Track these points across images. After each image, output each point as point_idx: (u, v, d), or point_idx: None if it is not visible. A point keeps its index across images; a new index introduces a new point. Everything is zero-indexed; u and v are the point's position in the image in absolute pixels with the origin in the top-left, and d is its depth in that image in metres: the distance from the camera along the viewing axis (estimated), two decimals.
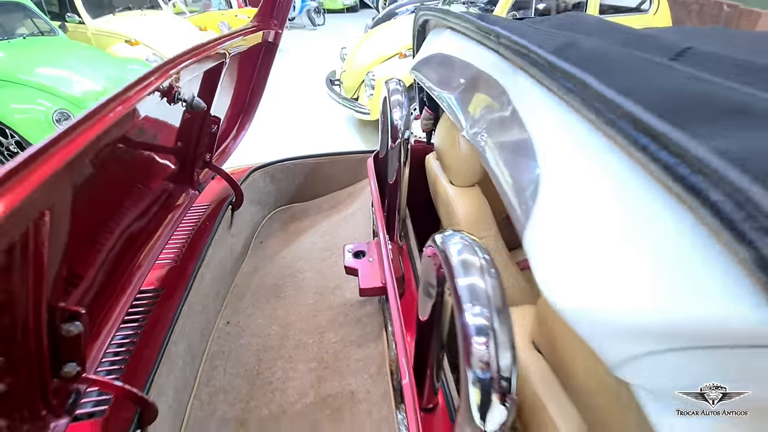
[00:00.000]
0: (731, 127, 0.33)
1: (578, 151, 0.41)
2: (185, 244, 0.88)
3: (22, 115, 3.13)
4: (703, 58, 0.60)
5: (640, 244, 0.32)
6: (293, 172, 1.31)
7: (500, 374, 0.35)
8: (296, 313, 0.92)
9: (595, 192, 0.38)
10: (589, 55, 0.50)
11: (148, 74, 0.61)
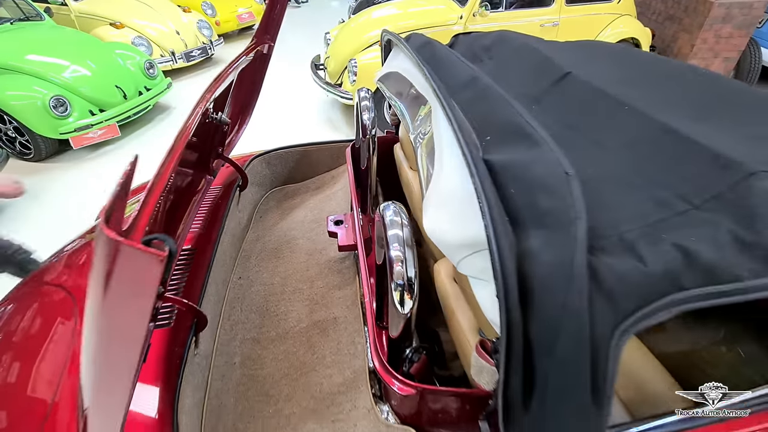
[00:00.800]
0: (505, 144, 0.62)
1: (446, 156, 0.70)
2: (208, 217, 1.15)
3: (19, 101, 3.26)
4: (572, 86, 0.87)
5: (458, 206, 0.61)
6: (286, 159, 1.57)
7: (408, 282, 0.65)
8: (292, 268, 1.21)
9: (447, 177, 0.67)
10: (472, 95, 0.78)
11: (196, 107, 0.80)
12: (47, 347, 0.85)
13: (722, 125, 0.70)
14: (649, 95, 0.80)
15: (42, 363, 0.83)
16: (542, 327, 0.48)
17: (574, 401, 0.48)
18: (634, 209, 0.58)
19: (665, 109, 0.73)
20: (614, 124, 0.75)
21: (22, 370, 0.83)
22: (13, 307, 1.01)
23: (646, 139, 0.69)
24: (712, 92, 0.84)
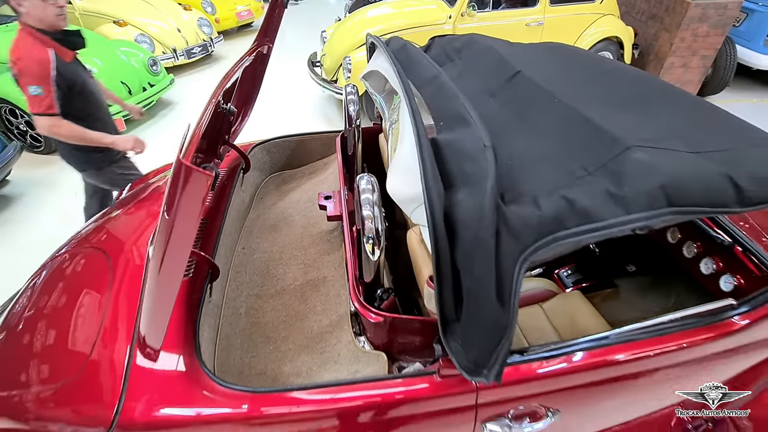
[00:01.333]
0: (450, 127, 0.81)
1: (406, 137, 0.88)
2: (216, 194, 1.34)
3: None
4: (520, 83, 1.06)
5: (409, 172, 0.79)
6: (283, 147, 1.76)
7: (377, 234, 0.85)
8: (289, 239, 1.40)
9: (404, 152, 0.85)
10: (433, 90, 0.97)
11: (210, 98, 0.98)
12: (90, 291, 1.05)
13: (627, 113, 0.89)
14: (577, 90, 0.99)
15: (87, 302, 1.02)
16: (463, 254, 0.68)
17: (487, 307, 0.68)
18: (548, 176, 0.78)
19: (586, 101, 0.92)
20: (545, 113, 0.94)
21: (73, 308, 1.03)
22: (61, 263, 1.22)
23: (566, 125, 0.88)
24: (629, 88, 1.03)
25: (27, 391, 0.91)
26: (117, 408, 0.81)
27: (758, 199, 0.73)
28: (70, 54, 1.74)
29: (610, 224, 0.67)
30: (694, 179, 0.71)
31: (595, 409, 0.99)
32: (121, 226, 1.35)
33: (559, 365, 0.87)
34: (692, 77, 4.15)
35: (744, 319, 0.94)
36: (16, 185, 3.34)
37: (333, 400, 0.82)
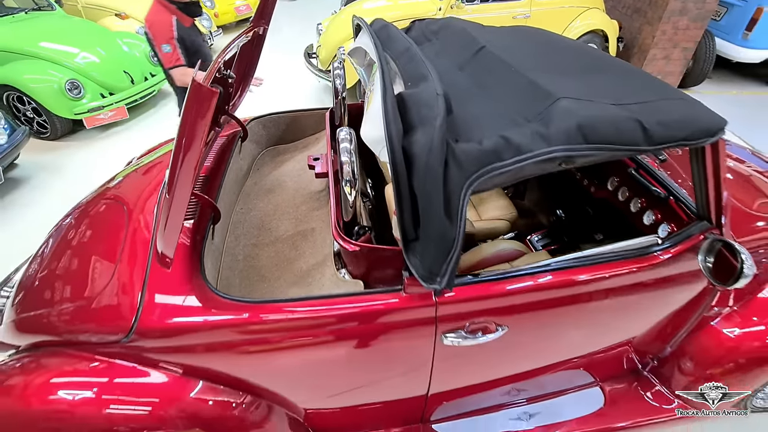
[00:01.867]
0: (415, 85, 0.98)
1: (376, 94, 1.03)
2: (216, 158, 1.49)
3: (37, 84, 3.57)
4: (483, 56, 1.22)
5: (376, 119, 0.95)
6: (278, 122, 1.91)
7: (353, 175, 1.01)
8: (282, 200, 1.56)
9: (373, 105, 1.01)
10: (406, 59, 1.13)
11: (214, 63, 1.14)
12: (109, 229, 1.22)
13: (569, 79, 1.05)
14: (532, 62, 1.15)
15: (107, 237, 1.19)
16: (418, 180, 0.84)
17: (437, 223, 0.84)
18: (494, 125, 0.94)
19: (538, 70, 1.08)
20: (502, 80, 1.10)
21: (95, 242, 1.19)
22: (83, 210, 1.42)
23: (516, 88, 1.04)
24: (577, 61, 1.19)
25: (58, 310, 1.08)
26: (135, 318, 0.98)
27: (662, 139, 0.90)
28: (189, 20, 2.16)
29: (536, 154, 0.83)
30: (608, 122, 0.87)
31: (540, 327, 1.16)
32: (131, 184, 1.51)
33: (505, 287, 1.03)
34: (674, 69, 4.31)
35: (666, 254, 1.11)
36: (23, 169, 3.49)
37: (317, 310, 0.99)
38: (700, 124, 0.92)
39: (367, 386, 1.20)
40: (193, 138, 0.76)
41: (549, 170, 0.91)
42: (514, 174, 0.87)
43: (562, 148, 0.83)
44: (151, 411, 0.99)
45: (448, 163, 0.84)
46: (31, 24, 4.04)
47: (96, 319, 1.02)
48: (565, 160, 0.87)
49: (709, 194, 1.07)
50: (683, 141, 0.92)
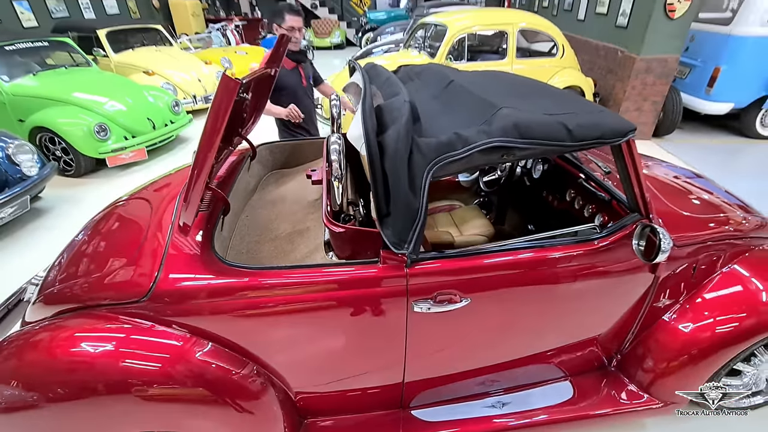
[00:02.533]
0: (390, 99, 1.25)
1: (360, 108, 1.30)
2: (228, 170, 1.75)
3: (69, 127, 3.98)
4: (453, 91, 1.52)
5: (359, 123, 1.20)
6: (284, 149, 2.20)
7: (341, 171, 1.25)
8: (283, 208, 1.79)
9: (357, 113, 1.27)
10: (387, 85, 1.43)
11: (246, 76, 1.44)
12: (136, 217, 1.44)
13: (516, 99, 1.32)
14: (489, 89, 1.43)
15: (135, 221, 1.41)
16: (388, 161, 1.07)
17: (404, 196, 1.06)
18: (452, 128, 1.19)
19: (493, 94, 1.36)
20: (462, 101, 1.38)
21: (126, 225, 1.41)
22: (112, 207, 1.66)
23: (472, 105, 1.31)
24: (525, 87, 1.48)
25: (82, 281, 1.26)
26: (153, 282, 1.16)
27: (582, 137, 1.14)
28: (291, 64, 2.55)
29: (479, 144, 1.07)
30: (539, 123, 1.13)
31: (499, 302, 1.32)
32: (153, 189, 1.76)
33: (466, 263, 1.22)
34: (646, 119, 4.73)
35: (604, 241, 1.31)
36: (46, 201, 3.78)
37: (306, 276, 1.17)
38: (611, 127, 1.18)
39: (350, 359, 1.34)
40: (218, 114, 1.01)
41: (495, 161, 1.15)
42: (465, 162, 1.11)
43: (499, 139, 1.08)
44: (161, 367, 1.13)
45: (413, 152, 1.08)
46: (68, 77, 4.55)
47: (118, 285, 1.21)
48: (506, 152, 1.11)
49: (635, 189, 1.29)
50: (599, 139, 1.16)
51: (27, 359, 1.14)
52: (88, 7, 8.40)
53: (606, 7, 5.28)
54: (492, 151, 1.09)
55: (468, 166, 1.14)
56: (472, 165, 1.14)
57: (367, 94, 1.22)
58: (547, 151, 1.17)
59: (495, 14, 4.73)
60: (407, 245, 1.09)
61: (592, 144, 1.17)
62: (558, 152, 1.26)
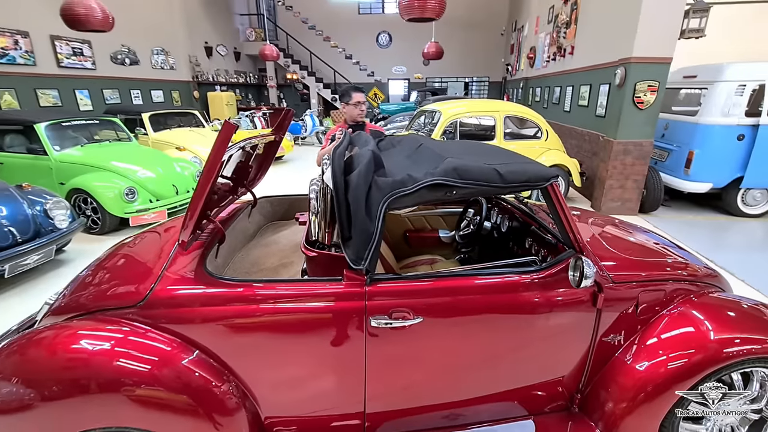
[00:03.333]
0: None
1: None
2: (230, 213, 2.04)
3: (102, 189, 4.48)
4: (421, 150, 1.85)
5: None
6: (283, 202, 2.52)
7: (317, 208, 1.53)
8: (275, 249, 2.03)
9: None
10: (364, 144, 1.77)
11: (237, 144, 1.81)
12: (150, 241, 1.70)
13: (464, 154, 1.63)
14: (451, 151, 1.76)
15: (141, 246, 1.67)
16: (351, 195, 1.34)
17: (362, 221, 1.31)
18: (410, 173, 1.48)
19: (449, 152, 1.67)
20: (426, 157, 1.70)
21: (132, 249, 1.66)
22: (130, 240, 1.95)
23: (432, 159, 1.62)
24: (478, 148, 1.81)
25: (89, 291, 1.49)
26: (150, 289, 1.38)
27: (512, 180, 1.41)
28: (350, 131, 3.08)
29: (425, 182, 1.34)
30: (475, 168, 1.41)
31: (449, 324, 1.46)
32: (162, 229, 2.05)
33: (418, 286, 1.42)
34: (630, 196, 5.03)
35: (543, 273, 1.50)
36: (69, 253, 4.11)
37: (280, 289, 1.37)
38: (537, 173, 1.45)
39: (315, 375, 1.47)
40: (219, 148, 1.31)
41: (441, 197, 1.41)
42: (416, 196, 1.37)
43: (441, 178, 1.35)
44: (150, 369, 1.29)
45: (371, 187, 1.35)
46: (110, 149, 5.21)
47: (120, 294, 1.43)
48: (448, 189, 1.38)
49: (566, 227, 1.51)
50: (527, 182, 1.43)
51: (30, 355, 1.31)
52: (138, 96, 9.71)
53: (587, 101, 5.94)
54: (436, 188, 1.36)
55: (420, 200, 1.40)
56: (423, 200, 1.40)
57: (342, 145, 1.55)
58: (483, 190, 1.43)
59: (484, 104, 5.38)
60: (364, 262, 1.31)
61: (521, 186, 1.43)
62: (493, 192, 1.51)
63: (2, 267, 3.14)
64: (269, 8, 15.36)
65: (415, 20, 5.26)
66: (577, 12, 6.48)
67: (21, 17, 7.03)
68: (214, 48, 12.97)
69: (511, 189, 1.44)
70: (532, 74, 9.46)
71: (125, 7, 8.76)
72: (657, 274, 1.71)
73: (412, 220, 2.70)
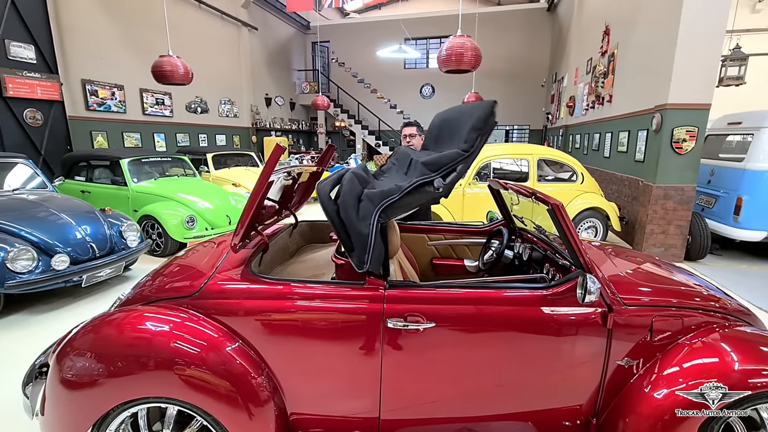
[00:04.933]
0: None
1: None
2: (274, 231, 2.34)
3: (168, 216, 5.07)
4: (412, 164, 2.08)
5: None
6: (321, 227, 2.79)
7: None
8: (310, 264, 2.27)
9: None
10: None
11: (284, 167, 2.14)
12: (207, 248, 2.01)
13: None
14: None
15: (204, 252, 1.97)
16: (343, 214, 1.54)
17: (356, 233, 1.51)
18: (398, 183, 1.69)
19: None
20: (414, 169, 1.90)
21: (197, 254, 1.97)
22: (192, 248, 2.26)
23: (415, 170, 1.84)
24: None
25: (153, 284, 1.79)
26: (204, 283, 1.66)
27: (467, 147, 1.53)
28: None
29: (409, 186, 1.50)
30: (440, 156, 1.54)
31: (461, 332, 1.58)
32: (220, 239, 2.37)
33: (430, 293, 1.58)
34: (674, 242, 4.85)
35: (551, 290, 1.60)
36: (135, 271, 4.62)
37: (317, 290, 1.59)
38: (478, 121, 1.60)
39: (335, 371, 1.63)
40: (269, 166, 1.60)
41: (430, 195, 1.55)
42: (406, 203, 1.55)
43: (418, 179, 1.50)
44: (199, 352, 1.53)
45: (362, 200, 1.56)
46: (177, 182, 5.91)
47: (180, 286, 1.71)
48: (428, 185, 1.50)
49: (573, 247, 1.61)
50: (478, 137, 1.54)
51: (103, 333, 1.59)
52: (204, 139, 10.91)
53: (625, 147, 5.95)
54: (420, 189, 1.51)
55: (413, 204, 1.58)
56: (416, 203, 1.59)
57: (327, 179, 1.77)
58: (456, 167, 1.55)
59: (517, 147, 5.57)
60: (366, 264, 1.50)
61: (476, 140, 1.53)
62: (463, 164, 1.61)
63: (81, 277, 3.64)
64: (324, 64, 16.94)
65: (453, 71, 5.70)
66: (614, 63, 6.67)
67: (120, 73, 8.38)
68: (273, 99, 14.38)
69: (471, 153, 1.55)
70: (571, 122, 9.58)
71: (202, 64, 10.15)
72: (676, 302, 1.71)
73: (439, 249, 2.86)
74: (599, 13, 7.83)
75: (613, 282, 1.72)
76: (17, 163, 4.55)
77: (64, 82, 7.10)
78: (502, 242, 2.45)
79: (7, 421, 2.20)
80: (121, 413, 1.56)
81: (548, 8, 13.61)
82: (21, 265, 3.31)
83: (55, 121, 6.89)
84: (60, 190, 4.92)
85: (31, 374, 1.76)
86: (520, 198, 2.13)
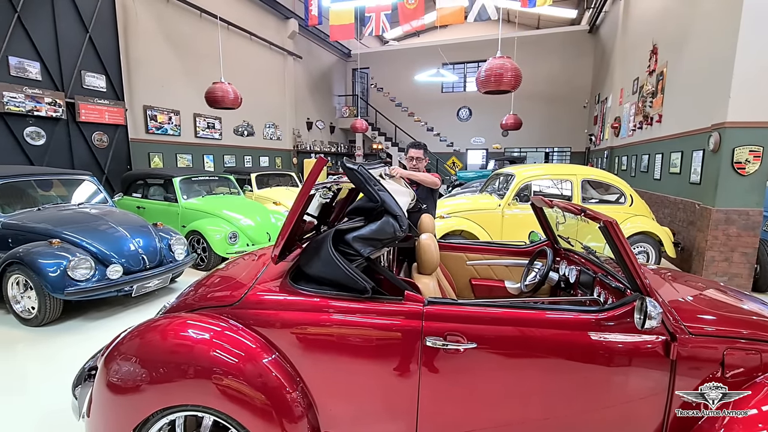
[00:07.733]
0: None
1: None
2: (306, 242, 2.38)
3: (213, 232, 5.30)
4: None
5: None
6: None
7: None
8: None
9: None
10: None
11: (324, 182, 2.18)
12: (247, 261, 2.06)
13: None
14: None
15: (246, 263, 2.02)
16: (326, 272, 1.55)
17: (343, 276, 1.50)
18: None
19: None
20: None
21: (239, 266, 2.03)
22: (234, 259, 2.30)
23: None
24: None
25: (197, 293, 1.84)
26: (245, 293, 1.68)
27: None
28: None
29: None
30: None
31: (505, 355, 1.49)
32: (260, 252, 2.43)
33: (472, 312, 1.51)
34: (739, 271, 4.41)
35: (603, 314, 1.48)
36: (180, 283, 4.83)
37: (354, 304, 1.56)
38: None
39: (371, 390, 1.58)
40: (311, 178, 1.63)
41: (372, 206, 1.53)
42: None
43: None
44: (237, 362, 1.54)
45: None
46: (223, 200, 6.20)
47: (220, 296, 1.75)
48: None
49: (629, 268, 1.48)
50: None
51: (147, 338, 1.64)
52: (249, 160, 11.47)
53: (678, 168, 5.59)
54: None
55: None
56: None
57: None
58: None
59: (560, 167, 5.38)
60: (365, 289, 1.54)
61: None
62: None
63: (132, 286, 3.85)
64: (363, 89, 17.49)
65: (492, 92, 5.67)
66: (663, 82, 6.38)
67: (177, 100, 9.08)
68: (314, 123, 14.95)
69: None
70: (617, 143, 9.19)
71: (250, 90, 10.79)
72: (749, 333, 1.54)
73: (478, 269, 2.77)
74: (645, 32, 7.59)
75: (675, 308, 1.57)
76: (84, 180, 4.96)
77: (128, 108, 7.78)
78: (546, 263, 2.33)
79: (59, 422, 2.31)
80: (159, 419, 1.58)
81: (590, 30, 13.39)
82: (80, 273, 3.55)
83: (118, 142, 7.52)
84: (119, 205, 5.31)
85: (80, 377, 1.84)
86: (566, 216, 2.03)
